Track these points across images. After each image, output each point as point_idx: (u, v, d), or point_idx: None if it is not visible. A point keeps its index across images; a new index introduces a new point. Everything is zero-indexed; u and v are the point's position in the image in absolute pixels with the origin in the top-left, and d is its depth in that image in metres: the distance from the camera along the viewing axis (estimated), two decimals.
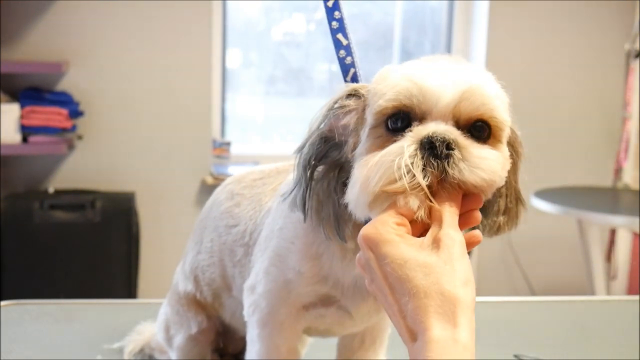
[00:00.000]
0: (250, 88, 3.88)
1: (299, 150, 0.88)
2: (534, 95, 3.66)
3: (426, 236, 0.73)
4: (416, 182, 0.74)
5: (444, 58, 0.83)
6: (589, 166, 3.83)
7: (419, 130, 0.77)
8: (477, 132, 0.80)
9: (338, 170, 0.87)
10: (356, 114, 0.85)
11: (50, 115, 3.08)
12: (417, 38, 4.00)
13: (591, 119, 3.82)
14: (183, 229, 2.01)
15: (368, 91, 0.84)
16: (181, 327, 1.19)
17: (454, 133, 0.77)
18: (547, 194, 3.24)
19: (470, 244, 0.77)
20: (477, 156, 0.77)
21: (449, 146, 0.76)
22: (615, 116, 3.74)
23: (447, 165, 0.75)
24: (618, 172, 3.65)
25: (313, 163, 0.87)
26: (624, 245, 3.88)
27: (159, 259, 3.38)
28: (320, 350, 1.26)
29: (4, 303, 1.55)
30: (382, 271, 0.71)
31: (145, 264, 3.39)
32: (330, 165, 0.87)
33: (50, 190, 3.27)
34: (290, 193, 0.89)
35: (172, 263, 1.39)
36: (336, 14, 0.96)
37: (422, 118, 0.79)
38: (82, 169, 3.37)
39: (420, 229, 0.76)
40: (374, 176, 0.76)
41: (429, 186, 0.75)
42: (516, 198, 0.90)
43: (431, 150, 0.75)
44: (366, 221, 0.84)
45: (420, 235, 0.75)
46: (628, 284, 3.88)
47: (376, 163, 0.76)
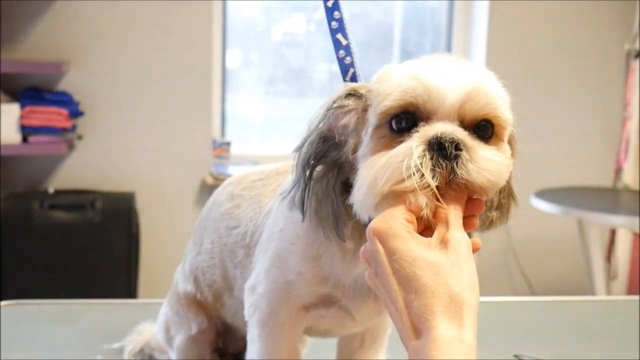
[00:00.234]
0: (250, 88, 3.88)
1: (298, 150, 0.88)
2: (534, 95, 3.66)
3: (433, 236, 0.73)
4: (425, 182, 0.75)
5: (444, 57, 0.83)
6: (589, 166, 3.83)
7: (426, 131, 0.77)
8: (481, 131, 0.80)
9: (337, 170, 0.87)
10: (356, 114, 0.84)
11: (50, 115, 3.08)
12: (417, 38, 4.00)
13: (591, 119, 3.81)
14: (183, 229, 2.01)
15: (369, 91, 0.84)
16: (181, 328, 1.19)
17: (461, 133, 0.77)
18: (547, 194, 3.24)
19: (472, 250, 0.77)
20: (484, 158, 0.77)
21: (458, 147, 0.76)
22: (615, 116, 3.73)
23: (456, 166, 0.76)
24: (618, 172, 3.65)
25: (312, 162, 0.87)
26: (624, 245, 3.87)
27: (159, 259, 3.38)
28: (320, 350, 1.26)
29: (4, 303, 1.55)
30: (391, 266, 0.71)
31: (145, 264, 3.38)
32: (330, 165, 0.87)
33: (50, 190, 3.27)
34: (289, 192, 0.89)
35: (172, 263, 1.39)
36: (336, 14, 0.96)
37: (428, 118, 0.79)
38: (82, 169, 3.37)
39: (421, 227, 0.76)
40: (381, 177, 0.76)
41: (437, 187, 0.75)
42: (508, 194, 0.90)
43: (440, 151, 0.76)
44: (369, 221, 0.84)
45: (421, 233, 0.75)
46: (628, 284, 3.88)
47: (384, 164, 0.76)
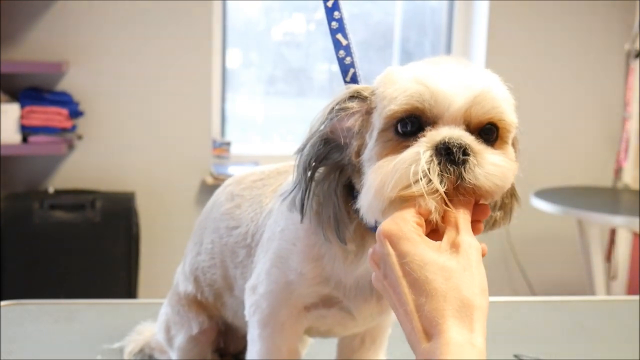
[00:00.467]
0: (250, 88, 3.88)
1: (299, 152, 0.87)
2: (534, 95, 3.66)
3: (443, 240, 0.73)
4: (433, 188, 0.75)
5: (449, 60, 0.83)
6: (589, 166, 3.83)
7: (433, 136, 0.77)
8: (486, 135, 0.80)
9: (339, 173, 0.87)
10: (360, 116, 0.84)
11: (50, 115, 3.08)
12: (417, 38, 4.00)
13: (591, 119, 3.82)
14: (183, 229, 2.01)
15: (372, 93, 0.84)
16: (182, 328, 1.19)
17: (468, 138, 0.77)
18: (547, 194, 3.24)
19: None
20: (491, 162, 0.77)
21: (465, 152, 0.76)
22: (615, 116, 3.73)
23: (464, 171, 0.76)
24: (618, 172, 3.65)
25: (313, 165, 0.87)
26: (624, 245, 3.88)
27: (159, 259, 3.38)
28: (320, 350, 1.27)
29: (4, 303, 1.55)
30: (401, 269, 0.71)
31: (145, 264, 3.38)
32: (331, 167, 0.87)
33: (50, 190, 3.27)
34: (290, 194, 0.89)
35: (172, 263, 1.39)
36: (336, 14, 0.96)
37: (434, 122, 0.79)
38: (82, 169, 3.37)
39: (428, 230, 0.76)
40: (389, 182, 0.76)
41: (445, 192, 0.75)
42: (511, 194, 0.90)
43: (447, 156, 0.76)
44: (375, 226, 0.84)
45: (428, 236, 0.75)
46: (628, 284, 3.88)
47: (391, 169, 0.76)
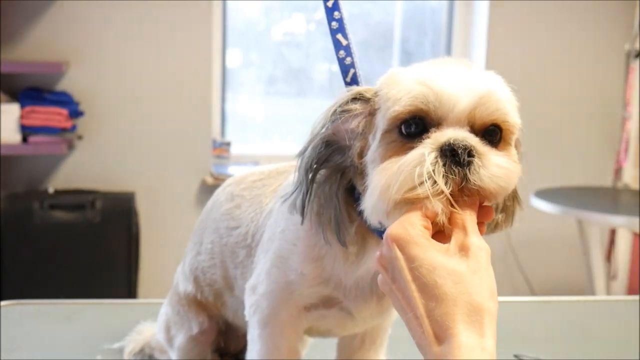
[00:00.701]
0: (250, 88, 3.88)
1: (301, 154, 0.87)
2: (534, 95, 3.66)
3: (451, 242, 0.73)
4: (438, 189, 0.74)
5: (453, 62, 0.83)
6: (589, 166, 3.83)
7: (438, 137, 0.77)
8: (489, 136, 0.80)
9: (340, 175, 0.87)
10: (363, 118, 0.84)
11: (50, 115, 3.08)
12: (417, 38, 4.00)
13: (591, 119, 3.81)
14: (183, 229, 2.01)
15: (376, 94, 0.84)
16: (182, 328, 1.19)
17: (473, 140, 0.77)
18: (547, 194, 3.23)
19: None
20: (496, 164, 0.77)
21: (470, 153, 0.76)
22: (615, 116, 3.73)
23: (469, 173, 0.76)
24: (618, 172, 3.64)
25: (315, 166, 0.86)
26: (624, 245, 3.88)
27: (159, 259, 3.38)
28: (320, 350, 1.26)
29: (4, 303, 1.55)
30: (410, 273, 0.70)
31: (145, 264, 3.38)
32: (333, 169, 0.87)
33: (50, 190, 3.27)
34: (291, 195, 0.89)
35: (172, 263, 1.39)
36: (336, 14, 0.95)
37: (438, 123, 0.79)
38: (82, 169, 3.37)
39: (434, 232, 0.76)
40: (394, 184, 0.76)
41: (450, 193, 0.75)
42: (513, 196, 0.90)
43: (452, 157, 0.76)
44: (378, 228, 0.84)
45: (433, 237, 0.75)
46: (628, 284, 3.88)
47: (396, 171, 0.76)
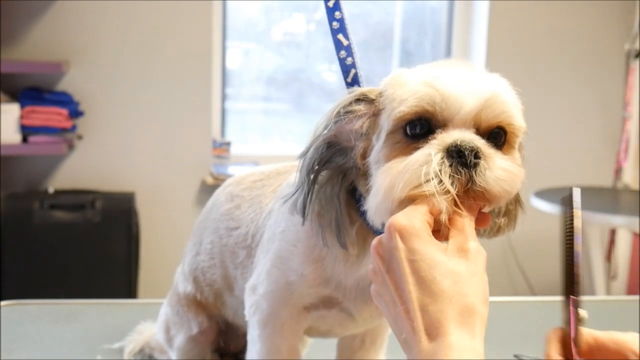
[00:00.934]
0: (250, 88, 3.88)
1: (303, 155, 0.87)
2: (534, 96, 3.65)
3: (450, 243, 0.72)
4: (444, 188, 0.74)
5: (458, 64, 0.83)
6: (589, 166, 3.83)
7: (444, 138, 0.77)
8: (494, 139, 0.80)
9: (342, 177, 0.87)
10: (367, 119, 0.84)
11: (50, 115, 3.08)
12: (417, 38, 4.00)
13: (591, 119, 3.82)
14: (183, 229, 2.01)
15: (380, 95, 0.84)
16: (182, 328, 1.20)
17: (479, 142, 0.77)
18: (547, 194, 3.23)
19: None
20: (501, 167, 0.77)
21: (477, 155, 0.76)
22: (615, 116, 3.73)
23: (475, 174, 0.75)
24: (618, 172, 3.65)
25: (316, 168, 0.86)
26: (624, 245, 3.88)
27: (159, 259, 3.38)
28: (320, 350, 1.26)
29: (4, 303, 1.55)
30: (410, 266, 0.70)
31: (145, 264, 3.38)
32: (334, 171, 0.87)
33: (50, 190, 3.27)
34: (292, 196, 0.89)
35: (172, 263, 1.39)
36: (337, 14, 0.95)
37: (444, 125, 0.78)
38: (82, 169, 3.37)
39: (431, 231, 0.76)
40: (399, 183, 0.75)
41: (455, 194, 0.75)
42: (516, 200, 0.90)
43: (459, 159, 0.75)
44: (378, 231, 0.84)
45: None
46: (628, 284, 3.88)
47: (402, 170, 0.76)
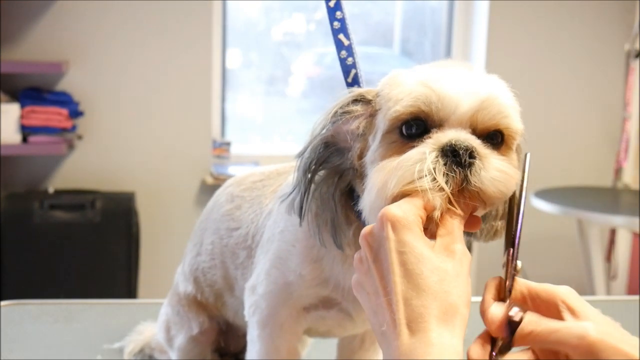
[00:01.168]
0: (250, 88, 3.88)
1: (300, 154, 0.87)
2: (534, 95, 3.66)
3: (437, 242, 0.72)
4: (438, 186, 0.73)
5: (455, 65, 0.83)
6: (589, 166, 3.83)
7: (439, 137, 0.76)
8: (491, 140, 0.79)
9: (338, 178, 0.87)
10: (364, 119, 0.83)
11: (50, 115, 3.08)
12: (417, 38, 4.00)
13: (591, 119, 3.82)
14: (183, 229, 2.01)
15: (377, 95, 0.83)
16: (182, 328, 1.20)
17: (475, 142, 0.77)
18: (547, 194, 3.24)
19: None
20: (496, 168, 0.77)
21: (472, 155, 0.75)
22: (615, 116, 3.73)
23: (470, 174, 0.75)
24: (618, 172, 3.65)
25: (313, 168, 0.86)
26: (624, 245, 3.88)
27: (159, 259, 3.38)
28: (320, 351, 1.27)
29: (4, 303, 1.55)
30: (399, 257, 0.69)
31: (145, 264, 3.38)
32: (331, 171, 0.87)
33: (50, 190, 3.27)
34: (289, 196, 0.89)
35: (172, 263, 1.39)
36: (338, 14, 0.95)
37: (440, 125, 0.78)
38: (82, 169, 3.37)
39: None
40: (392, 179, 0.75)
41: (450, 193, 0.74)
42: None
43: (454, 158, 0.75)
44: None
45: None
46: (628, 284, 3.88)
47: (395, 167, 0.75)
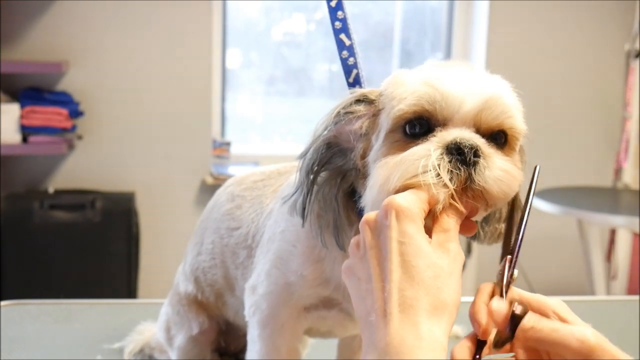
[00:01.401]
0: (250, 88, 3.88)
1: (303, 155, 0.87)
2: (534, 96, 3.65)
3: (433, 238, 0.72)
4: (442, 182, 0.73)
5: (458, 64, 0.83)
6: (589, 166, 3.83)
7: (444, 135, 0.76)
8: (494, 140, 0.79)
9: (341, 179, 0.86)
10: (367, 119, 0.83)
11: (50, 115, 3.08)
12: (417, 38, 4.00)
13: (591, 119, 3.82)
14: (183, 229, 2.01)
15: (381, 95, 0.83)
16: (182, 328, 1.20)
17: (479, 140, 0.77)
18: (547, 194, 3.23)
19: None
20: (500, 168, 0.76)
21: (476, 153, 0.75)
22: (615, 116, 3.74)
23: (474, 172, 0.75)
24: (618, 172, 3.65)
25: (316, 169, 0.86)
26: (624, 245, 3.88)
27: (159, 259, 3.38)
28: (320, 351, 1.27)
29: (4, 303, 1.55)
30: (399, 247, 0.69)
31: (145, 264, 3.38)
32: (333, 172, 0.87)
33: (50, 190, 3.27)
34: (291, 197, 0.88)
35: (172, 263, 1.40)
36: (339, 14, 0.95)
37: (443, 124, 0.78)
38: (82, 169, 3.37)
39: None
40: (395, 174, 0.74)
41: (453, 190, 0.74)
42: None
43: (458, 156, 0.75)
44: None
45: None
46: (628, 284, 3.89)
47: (399, 162, 0.75)
